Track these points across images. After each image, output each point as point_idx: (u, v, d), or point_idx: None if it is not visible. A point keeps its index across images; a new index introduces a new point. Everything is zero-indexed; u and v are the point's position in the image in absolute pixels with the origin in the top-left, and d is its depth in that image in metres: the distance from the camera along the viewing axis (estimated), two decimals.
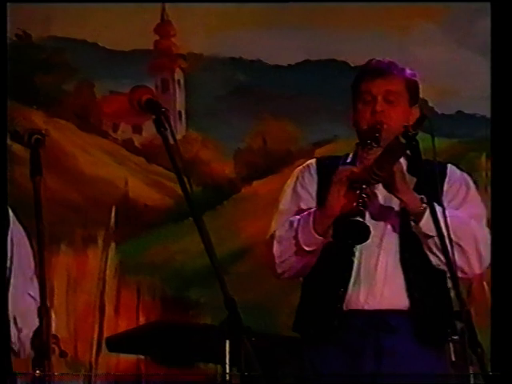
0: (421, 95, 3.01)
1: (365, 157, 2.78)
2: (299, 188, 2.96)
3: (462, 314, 2.44)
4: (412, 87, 2.93)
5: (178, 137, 5.21)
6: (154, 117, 2.48)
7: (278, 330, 4.32)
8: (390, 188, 2.76)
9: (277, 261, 2.84)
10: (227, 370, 2.35)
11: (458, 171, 2.94)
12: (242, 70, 5.27)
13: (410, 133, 2.62)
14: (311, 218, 2.79)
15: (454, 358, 2.69)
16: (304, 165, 3.02)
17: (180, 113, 5.28)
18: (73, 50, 5.10)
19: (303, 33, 5.22)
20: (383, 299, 2.80)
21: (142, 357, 4.67)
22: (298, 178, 2.99)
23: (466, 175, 2.95)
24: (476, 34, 5.44)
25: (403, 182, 2.74)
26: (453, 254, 2.52)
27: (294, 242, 2.80)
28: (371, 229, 2.67)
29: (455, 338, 2.61)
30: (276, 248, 2.84)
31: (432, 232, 2.65)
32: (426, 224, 2.71)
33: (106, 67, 5.13)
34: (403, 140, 2.64)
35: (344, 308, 2.80)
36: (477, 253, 2.79)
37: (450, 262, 2.51)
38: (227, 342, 2.38)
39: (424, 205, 2.70)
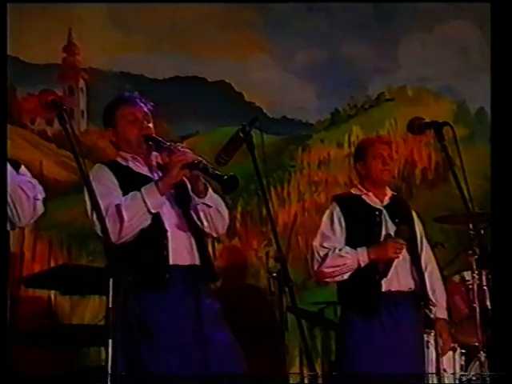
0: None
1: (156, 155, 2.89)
2: (106, 181, 2.86)
3: (280, 259, 2.48)
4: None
5: (81, 129, 5.12)
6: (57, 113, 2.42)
7: None
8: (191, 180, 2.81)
9: (126, 225, 2.70)
10: (110, 299, 2.32)
11: None
12: (129, 81, 5.15)
13: (246, 130, 2.62)
14: (154, 187, 2.74)
15: (273, 289, 2.71)
16: (97, 167, 2.92)
17: (83, 112, 5.13)
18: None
19: (175, 55, 5.20)
20: (186, 256, 2.80)
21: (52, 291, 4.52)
22: (97, 176, 2.83)
23: None
24: (298, 61, 5.54)
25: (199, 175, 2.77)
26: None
27: (143, 204, 2.70)
28: None
29: (274, 275, 2.64)
30: (125, 215, 2.69)
31: (212, 203, 2.76)
32: (208, 198, 2.79)
33: (25, 76, 4.89)
34: (242, 135, 2.64)
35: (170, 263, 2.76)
36: (222, 218, 2.87)
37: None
38: (111, 280, 2.34)
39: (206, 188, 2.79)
